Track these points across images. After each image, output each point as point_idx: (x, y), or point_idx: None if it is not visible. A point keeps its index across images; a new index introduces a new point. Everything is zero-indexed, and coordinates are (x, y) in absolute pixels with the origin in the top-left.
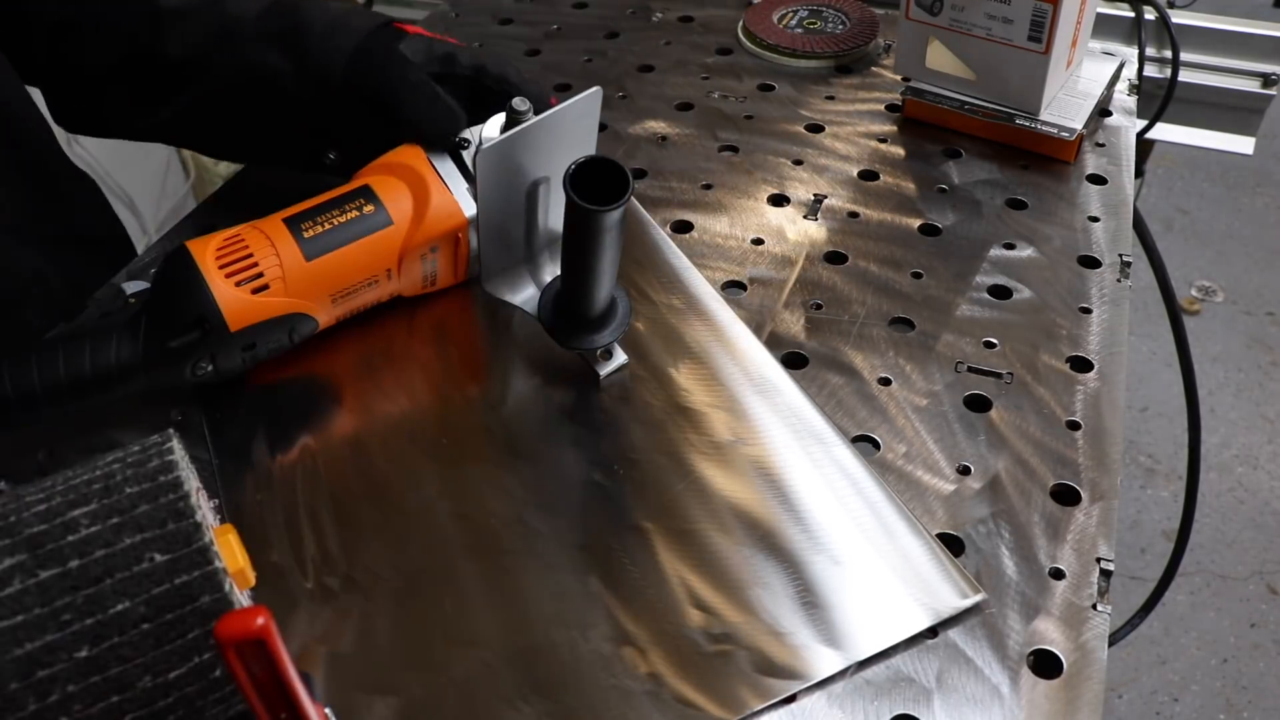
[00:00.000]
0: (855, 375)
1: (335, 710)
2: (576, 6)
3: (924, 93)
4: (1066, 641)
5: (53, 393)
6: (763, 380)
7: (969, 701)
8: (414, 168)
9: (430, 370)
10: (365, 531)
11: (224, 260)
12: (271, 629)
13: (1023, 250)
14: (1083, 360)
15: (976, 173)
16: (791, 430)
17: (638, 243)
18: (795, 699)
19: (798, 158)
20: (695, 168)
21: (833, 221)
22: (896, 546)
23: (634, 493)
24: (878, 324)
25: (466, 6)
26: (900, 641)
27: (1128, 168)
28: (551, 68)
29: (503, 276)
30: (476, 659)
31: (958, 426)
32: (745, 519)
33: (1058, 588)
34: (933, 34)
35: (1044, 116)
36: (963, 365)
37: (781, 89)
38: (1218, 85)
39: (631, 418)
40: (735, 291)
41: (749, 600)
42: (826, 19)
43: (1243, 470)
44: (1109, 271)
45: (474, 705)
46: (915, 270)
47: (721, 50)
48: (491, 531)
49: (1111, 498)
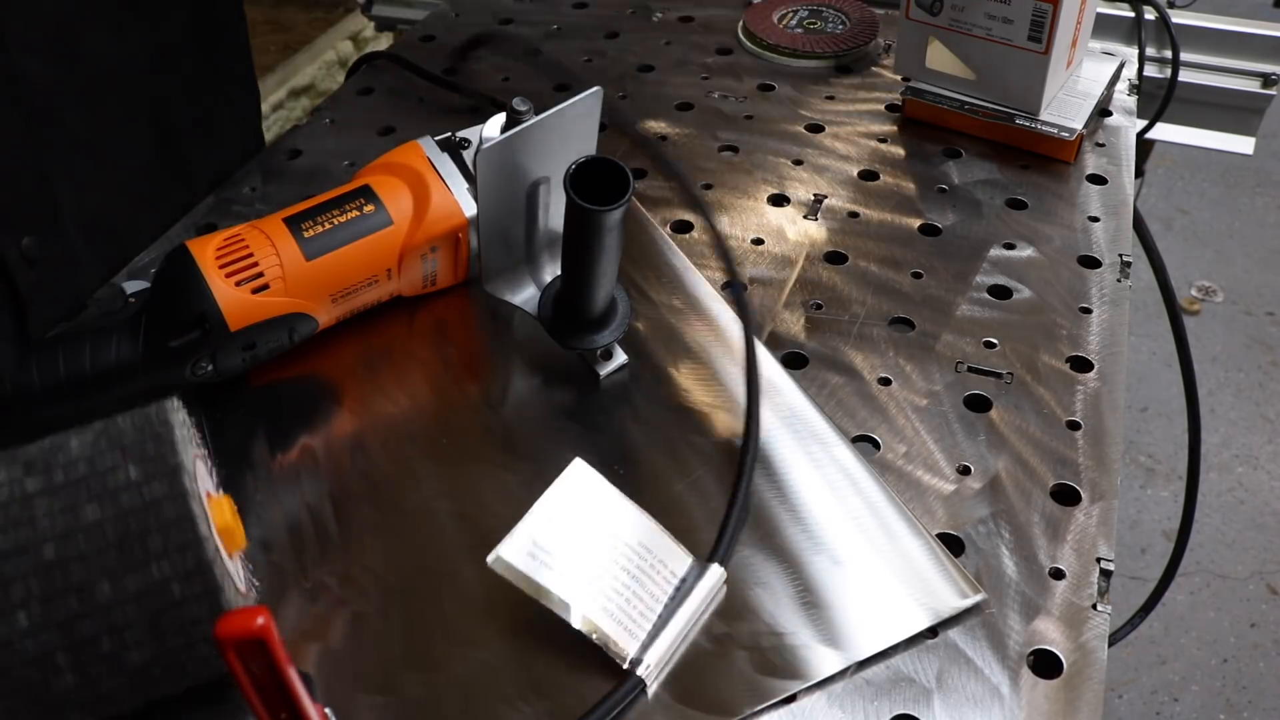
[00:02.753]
0: (855, 375)
1: (335, 710)
2: (576, 6)
3: (924, 93)
4: (1066, 641)
5: (52, 391)
6: (763, 380)
7: (969, 701)
8: (414, 167)
9: (430, 370)
10: (365, 531)
11: (224, 260)
12: (271, 629)
13: (1023, 250)
14: (1083, 360)
15: (976, 173)
16: (791, 430)
17: (638, 243)
18: (795, 699)
19: (798, 158)
20: (695, 168)
21: (833, 221)
22: (896, 546)
23: (634, 493)
24: (878, 324)
25: (466, 6)
26: (900, 641)
27: (1128, 168)
28: (551, 68)
29: (503, 276)
30: (476, 659)
31: (958, 426)
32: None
33: (1058, 588)
34: (933, 34)
35: (1044, 116)
36: (963, 365)
37: (781, 89)
38: (1218, 85)
39: (631, 418)
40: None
41: (749, 600)
42: (826, 19)
43: (1243, 470)
44: (1109, 271)
45: (474, 705)
46: (915, 270)
47: (721, 50)
48: (491, 531)
49: (1111, 498)
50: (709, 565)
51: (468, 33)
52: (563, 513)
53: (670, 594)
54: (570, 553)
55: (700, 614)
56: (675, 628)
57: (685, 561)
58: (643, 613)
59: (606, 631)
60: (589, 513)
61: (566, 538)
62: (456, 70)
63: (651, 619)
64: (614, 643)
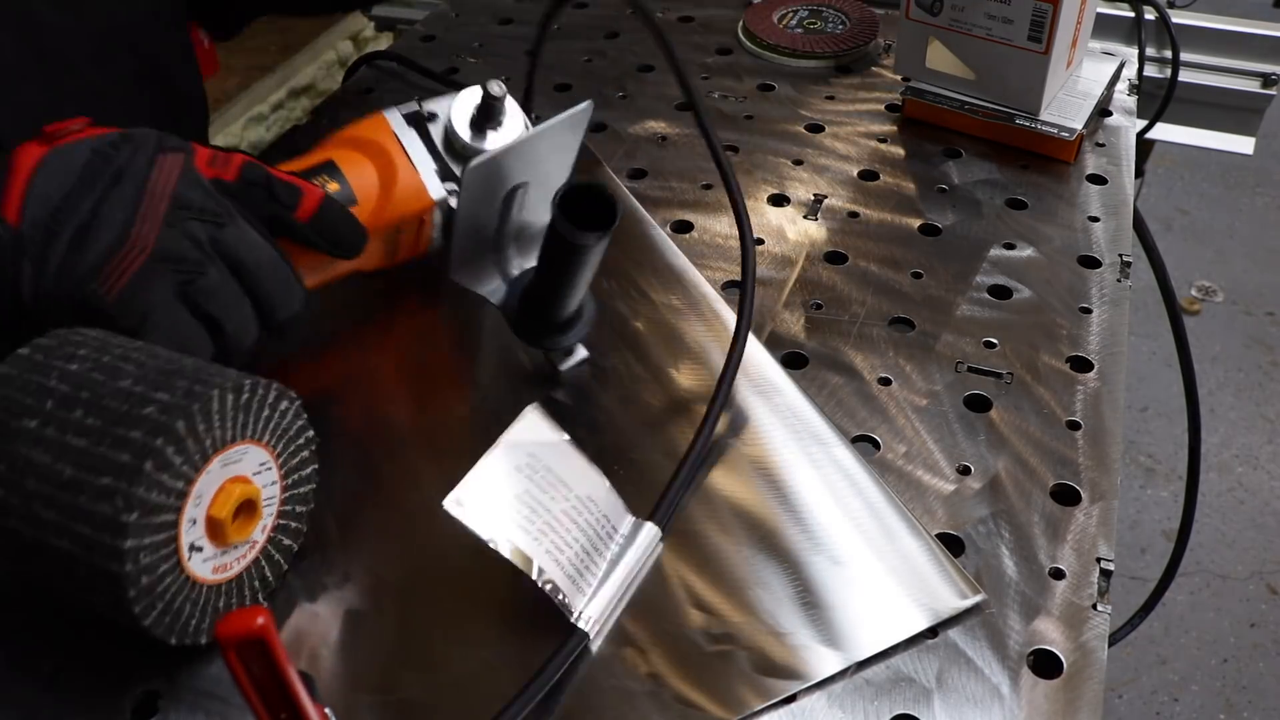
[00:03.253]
0: (855, 375)
1: (335, 710)
2: (577, 6)
3: (924, 93)
4: (1066, 641)
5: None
6: (763, 380)
7: (969, 701)
8: (381, 144)
9: (430, 371)
10: (365, 531)
11: None
12: (272, 629)
13: (1023, 250)
14: (1083, 360)
15: (976, 173)
16: (791, 430)
17: (638, 243)
18: (795, 699)
19: (798, 158)
20: (695, 168)
21: (833, 221)
22: (896, 547)
23: (634, 493)
24: (878, 324)
25: (466, 6)
26: (900, 642)
27: (1128, 168)
28: (551, 68)
29: (469, 267)
30: (476, 659)
31: (958, 426)
32: (745, 519)
33: (1058, 588)
34: (933, 34)
35: (1044, 116)
36: (963, 365)
37: (781, 89)
38: (1218, 85)
39: (631, 418)
40: (735, 291)
41: (749, 600)
42: (826, 19)
43: (1243, 470)
44: (1109, 271)
45: (473, 705)
46: (915, 270)
47: (721, 50)
48: None
49: (1111, 498)
50: (643, 524)
51: (468, 32)
52: (517, 460)
53: (612, 550)
54: (523, 501)
55: (636, 573)
56: (614, 584)
57: (626, 519)
58: (589, 567)
59: (559, 585)
60: (542, 461)
61: (520, 486)
62: (457, 70)
63: (598, 574)
64: (565, 596)
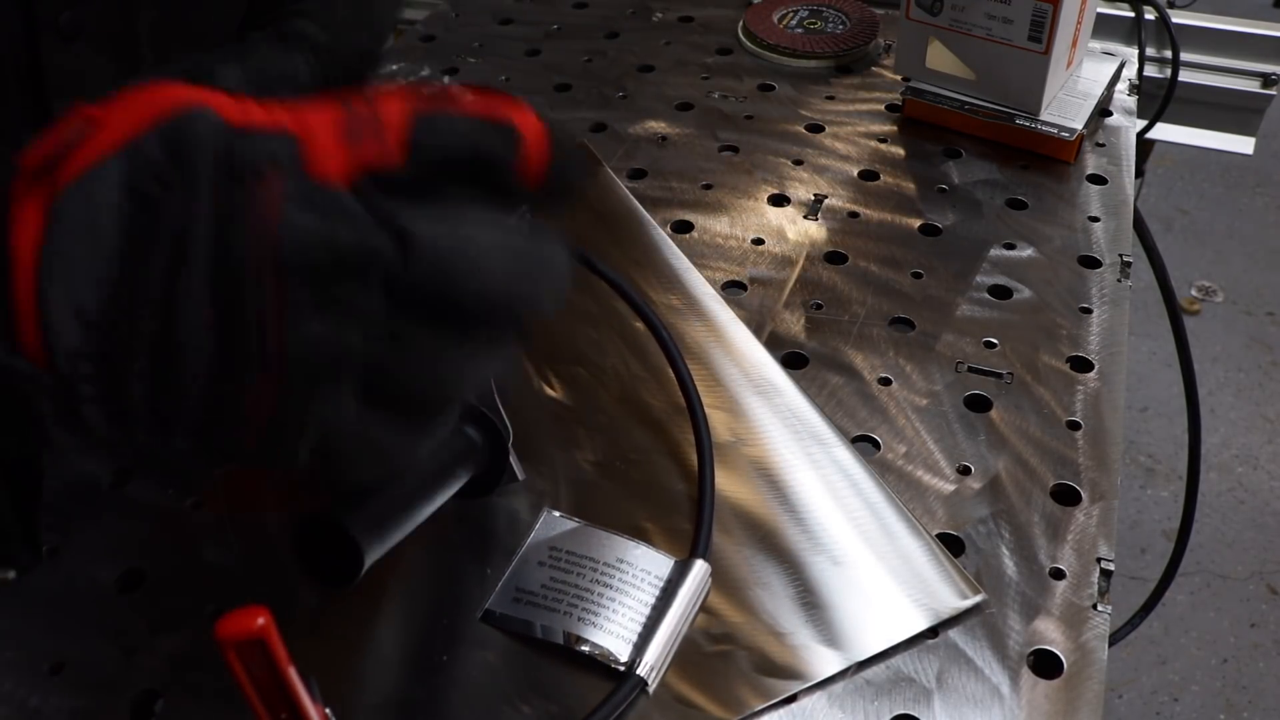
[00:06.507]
0: (855, 375)
1: (335, 711)
2: (576, 6)
3: (924, 93)
4: (1066, 641)
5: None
6: (762, 380)
7: (969, 701)
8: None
9: None
10: None
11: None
12: (271, 629)
13: (1023, 250)
14: (1083, 360)
15: (976, 173)
16: (791, 431)
17: (638, 243)
18: (795, 699)
19: (798, 158)
20: (695, 168)
21: (833, 221)
22: (896, 547)
23: (634, 493)
24: (878, 324)
25: (466, 6)
26: (900, 642)
27: (1128, 168)
28: (551, 68)
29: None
30: (476, 659)
31: (958, 426)
32: (745, 519)
33: (1058, 588)
34: (933, 34)
35: (1044, 116)
36: (963, 365)
37: (781, 89)
38: (1218, 85)
39: (631, 418)
40: (735, 291)
41: (749, 600)
42: (826, 19)
43: (1243, 470)
44: (1109, 271)
45: (474, 705)
46: (915, 270)
47: (721, 50)
48: (492, 531)
49: (1111, 498)
50: (692, 561)
51: (468, 33)
52: (540, 558)
53: (656, 596)
54: (551, 588)
55: (692, 609)
56: (668, 626)
57: (667, 564)
58: (631, 617)
59: (595, 640)
60: (564, 551)
61: (546, 577)
62: (458, 70)
63: (641, 621)
64: (603, 649)
